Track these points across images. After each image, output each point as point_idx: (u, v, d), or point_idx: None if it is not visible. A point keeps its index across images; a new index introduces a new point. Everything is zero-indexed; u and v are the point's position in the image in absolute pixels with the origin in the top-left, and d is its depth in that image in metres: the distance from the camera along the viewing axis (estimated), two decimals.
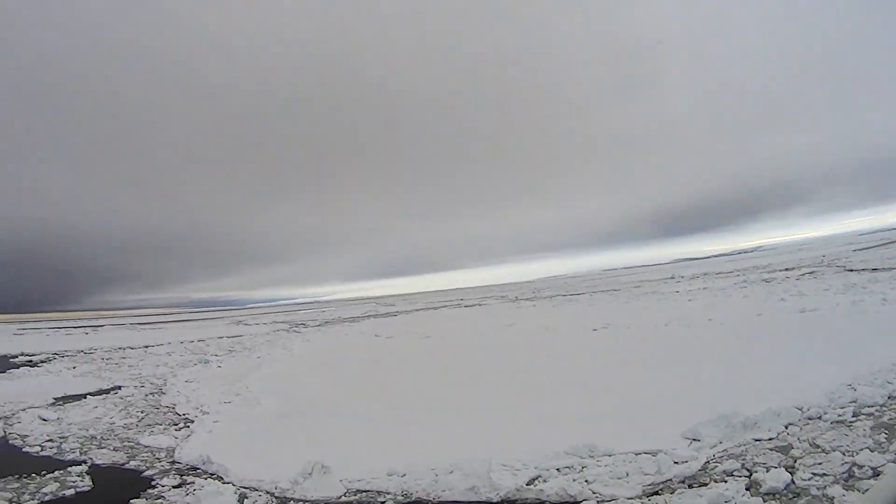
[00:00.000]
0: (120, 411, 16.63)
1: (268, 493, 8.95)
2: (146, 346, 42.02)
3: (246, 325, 72.70)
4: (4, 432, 14.47)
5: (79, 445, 12.59)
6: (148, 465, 10.93)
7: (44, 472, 10.43)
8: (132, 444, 12.61)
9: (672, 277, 77.42)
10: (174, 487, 9.45)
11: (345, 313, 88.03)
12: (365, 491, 8.65)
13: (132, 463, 11.05)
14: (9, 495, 9.35)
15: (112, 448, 12.26)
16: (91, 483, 9.86)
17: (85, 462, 11.17)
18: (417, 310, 75.81)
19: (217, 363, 27.85)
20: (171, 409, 16.78)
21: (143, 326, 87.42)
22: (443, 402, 14.24)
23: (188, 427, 14.20)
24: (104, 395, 19.70)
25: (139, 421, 15.24)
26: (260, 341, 41.71)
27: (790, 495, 6.78)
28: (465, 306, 70.61)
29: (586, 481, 7.96)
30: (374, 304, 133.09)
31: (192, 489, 9.26)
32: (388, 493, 8.44)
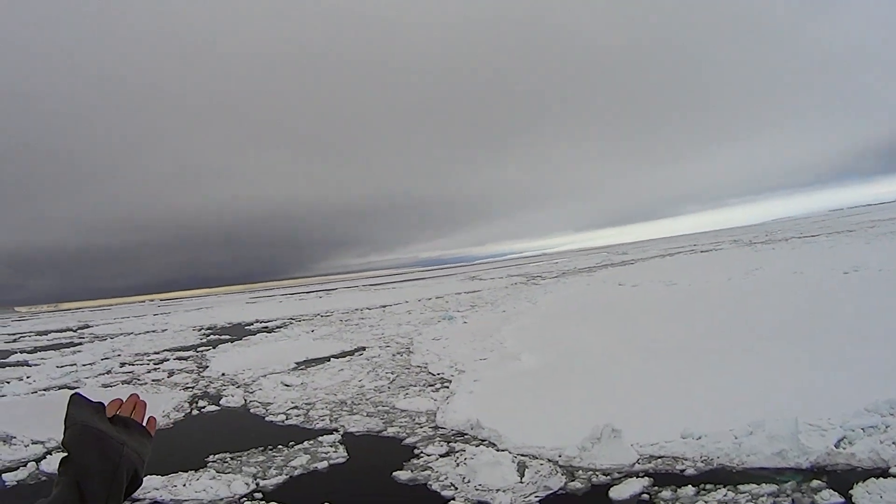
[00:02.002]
0: (368, 373, 18.64)
1: (550, 461, 9.22)
2: (383, 306, 49.61)
3: (480, 279, 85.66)
4: (245, 400, 16.82)
5: (328, 412, 14.12)
6: (408, 431, 11.78)
7: (291, 443, 11.77)
8: (387, 408, 13.87)
9: None
10: (441, 456, 9.96)
11: (579, 263, 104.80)
12: (660, 457, 8.92)
13: (390, 430, 12.04)
14: (253, 470, 10.49)
15: (365, 413, 13.56)
16: (346, 454, 10.84)
17: (336, 430, 12.44)
18: (652, 257, 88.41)
19: (462, 319, 31.21)
20: (423, 369, 18.42)
21: (375, 287, 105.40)
22: (715, 354, 14.83)
23: (446, 388, 15.29)
24: (349, 357, 22.37)
25: (391, 383, 16.85)
26: (500, 295, 47.73)
27: None
28: (701, 252, 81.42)
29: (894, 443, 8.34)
30: (605, 252, 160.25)
31: (462, 458, 9.66)
32: (685, 460, 8.71)
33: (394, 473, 9.36)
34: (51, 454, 13.08)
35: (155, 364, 26.92)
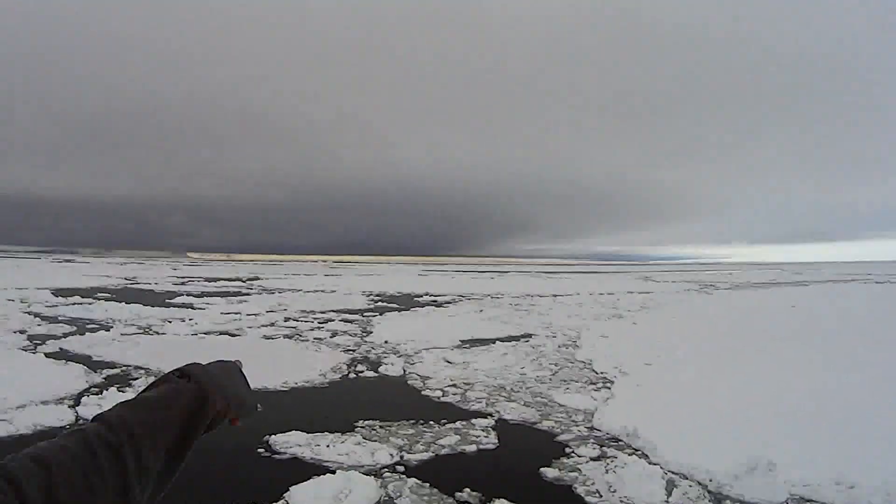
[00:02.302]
0: (531, 361, 18.89)
1: (700, 484, 9.03)
2: (555, 295, 50.54)
3: (653, 281, 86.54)
4: (404, 371, 17.52)
5: (485, 395, 14.40)
6: (563, 427, 11.87)
7: (443, 421, 12.14)
8: (545, 400, 14.03)
9: None
10: (592, 460, 9.95)
11: (752, 277, 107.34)
12: (809, 500, 8.61)
13: (545, 423, 12.16)
14: (401, 442, 10.90)
15: (523, 402, 13.76)
16: (496, 440, 11.05)
17: (491, 415, 12.67)
18: (827, 280, 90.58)
19: (632, 319, 31.03)
20: (587, 365, 18.50)
21: (548, 275, 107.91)
22: None
23: (608, 388, 15.29)
24: (514, 342, 22.83)
25: (553, 374, 17.04)
26: (671, 299, 47.74)
27: None
28: (876, 282, 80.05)
29: None
30: (778, 269, 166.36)
31: (612, 465, 9.63)
32: None
33: (541, 469, 9.45)
34: None
35: (319, 323, 28.52)
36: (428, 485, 8.86)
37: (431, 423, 12.04)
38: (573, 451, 10.35)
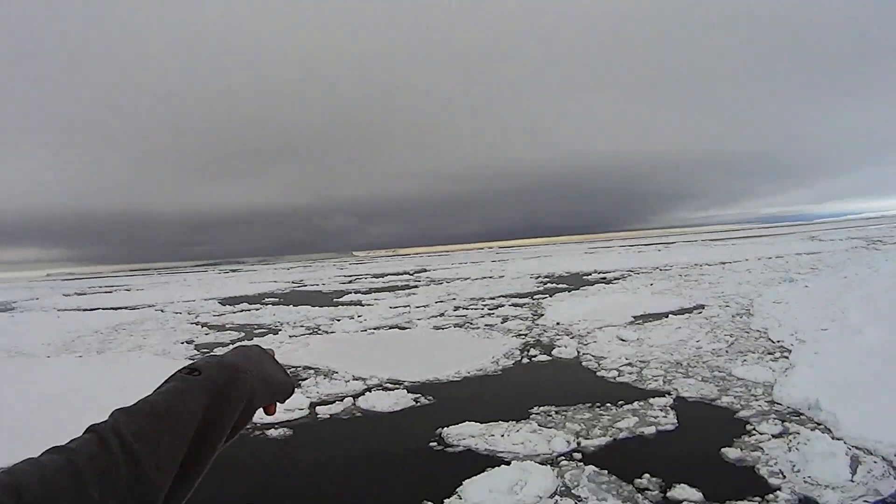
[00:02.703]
0: (706, 334, 18.45)
1: (886, 460, 8.58)
2: (723, 263, 49.00)
3: (819, 240, 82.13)
4: (578, 353, 17.51)
5: (662, 373, 14.23)
6: (742, 403, 11.53)
7: (620, 402, 12.05)
8: (723, 374, 13.67)
9: None
10: (774, 437, 9.58)
11: None
12: None
13: (724, 399, 11.84)
14: (577, 427, 10.83)
15: (700, 378, 13.47)
16: (675, 420, 10.84)
17: (669, 394, 12.48)
18: None
19: (803, 282, 29.58)
20: (762, 335, 17.92)
21: (714, 243, 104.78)
22: None
23: (785, 358, 14.70)
24: (687, 315, 22.35)
25: (728, 346, 16.57)
26: (841, 259, 45.27)
27: None
28: None
29: None
30: None
31: (795, 442, 9.25)
32: None
33: (722, 450, 9.17)
34: (370, 391, 14.54)
35: (489, 309, 28.93)
36: (606, 472, 8.74)
37: (608, 405, 11.97)
38: (754, 429, 10.04)
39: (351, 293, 47.11)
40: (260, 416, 1.46)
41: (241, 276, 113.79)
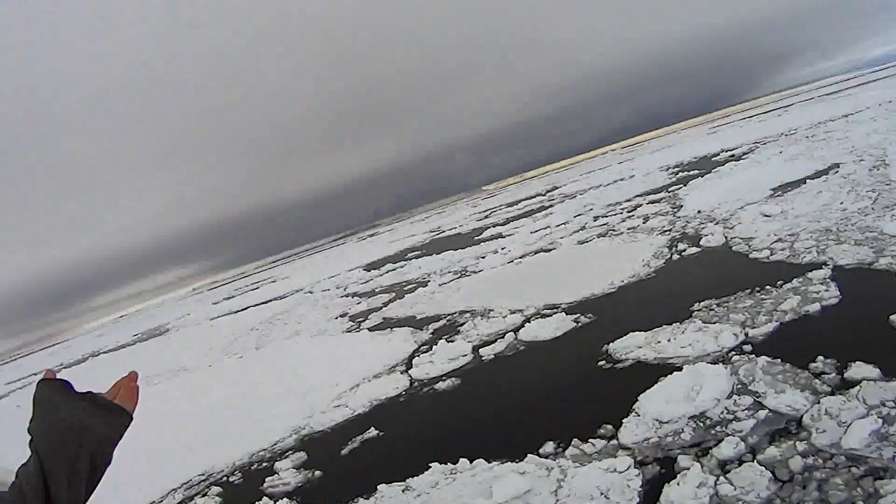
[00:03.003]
0: (848, 193, 17.97)
1: None
2: (845, 116, 46.15)
3: None
4: (726, 238, 17.46)
5: (814, 243, 14.06)
6: None
7: (779, 283, 12.07)
8: (874, 233, 13.39)
9: None
10: None
11: None
12: None
13: (881, 261, 11.59)
14: (741, 317, 10.85)
15: (853, 242, 13.21)
16: (837, 292, 10.75)
17: (825, 264, 12.37)
18: None
19: None
20: None
21: (831, 97, 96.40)
22: None
23: None
24: (824, 177, 21.74)
25: (873, 203, 16.07)
26: None
27: None
28: None
29: None
30: None
31: None
32: None
33: (891, 317, 8.95)
34: (529, 322, 14.91)
35: (628, 212, 28.92)
36: (779, 360, 8.68)
37: (768, 287, 12.02)
38: None
39: (489, 227, 47.10)
40: (425, 372, 1.56)
41: (378, 238, 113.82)
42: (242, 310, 50.07)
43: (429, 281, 28.03)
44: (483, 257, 29.47)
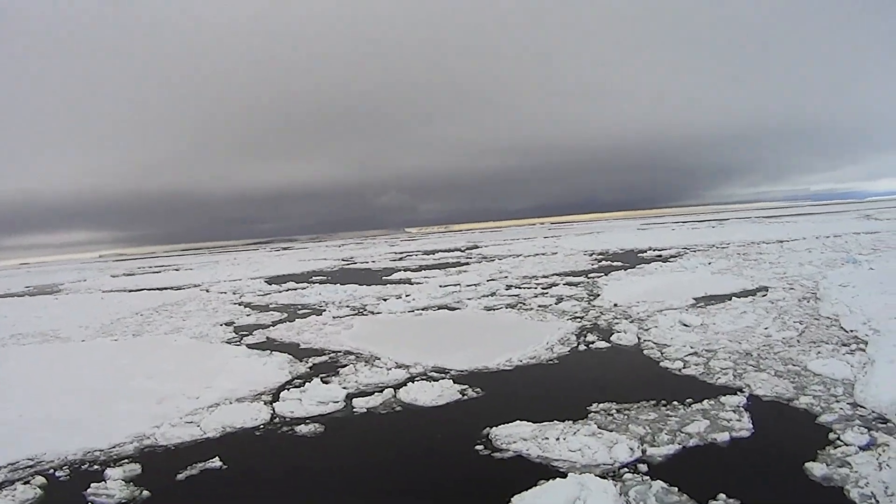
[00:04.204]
0: (773, 320, 17.26)
1: None
2: (780, 241, 47.25)
3: (876, 219, 78.97)
4: (639, 339, 16.51)
5: (731, 364, 13.10)
6: (823, 405, 10.40)
7: (688, 400, 10.97)
8: (797, 368, 12.53)
9: None
10: (862, 449, 8.51)
11: None
12: None
13: (801, 399, 10.72)
14: (641, 431, 9.72)
15: (773, 373, 12.30)
16: (750, 424, 9.74)
17: (741, 391, 11.35)
18: None
19: (867, 264, 28.03)
20: (833, 322, 16.72)
21: (768, 220, 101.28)
22: None
23: (862, 351, 13.50)
24: (751, 298, 21.15)
25: (799, 335, 15.35)
26: None
27: None
28: None
29: None
30: None
31: (886, 457, 8.24)
32: None
33: (806, 465, 8.11)
34: (413, 381, 13.64)
35: (543, 289, 28.11)
36: (676, 489, 7.70)
37: (675, 403, 10.93)
38: (839, 438, 8.94)
39: (400, 270, 46.75)
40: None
41: (291, 254, 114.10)
42: (136, 290, 48.94)
43: (324, 310, 26.98)
44: (385, 300, 28.46)
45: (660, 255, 42.61)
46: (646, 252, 46.99)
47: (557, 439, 9.57)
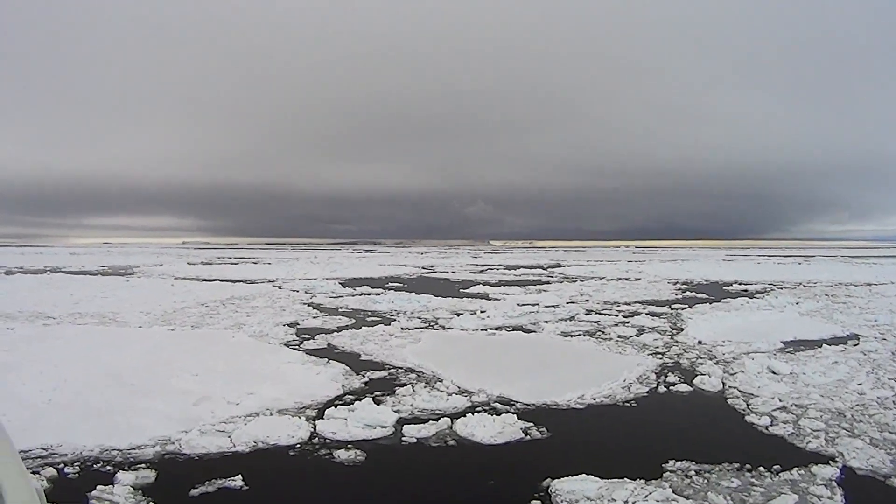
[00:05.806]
0: (867, 374, 16.02)
1: None
2: (869, 284, 45.18)
3: None
4: (724, 384, 15.41)
5: (823, 426, 11.87)
6: None
7: (775, 466, 9.81)
8: (894, 435, 11.31)
9: None
10: None
11: None
12: None
13: (885, 469, 9.68)
14: (721, 500, 8.65)
15: (868, 440, 11.09)
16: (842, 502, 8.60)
17: (833, 460, 10.20)
18: None
19: None
20: None
21: (854, 260, 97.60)
22: None
23: None
24: (842, 346, 19.84)
25: (895, 395, 14.11)
26: None
27: None
28: None
29: None
30: None
31: None
32: None
33: None
34: (472, 413, 12.66)
35: (624, 317, 26.96)
36: None
37: (761, 469, 9.77)
38: None
39: (479, 284, 46.01)
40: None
41: (372, 257, 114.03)
42: (209, 280, 49.60)
43: (394, 320, 26.41)
44: (459, 314, 27.68)
45: (746, 290, 40.92)
46: (731, 285, 45.33)
47: (626, 502, 8.55)
